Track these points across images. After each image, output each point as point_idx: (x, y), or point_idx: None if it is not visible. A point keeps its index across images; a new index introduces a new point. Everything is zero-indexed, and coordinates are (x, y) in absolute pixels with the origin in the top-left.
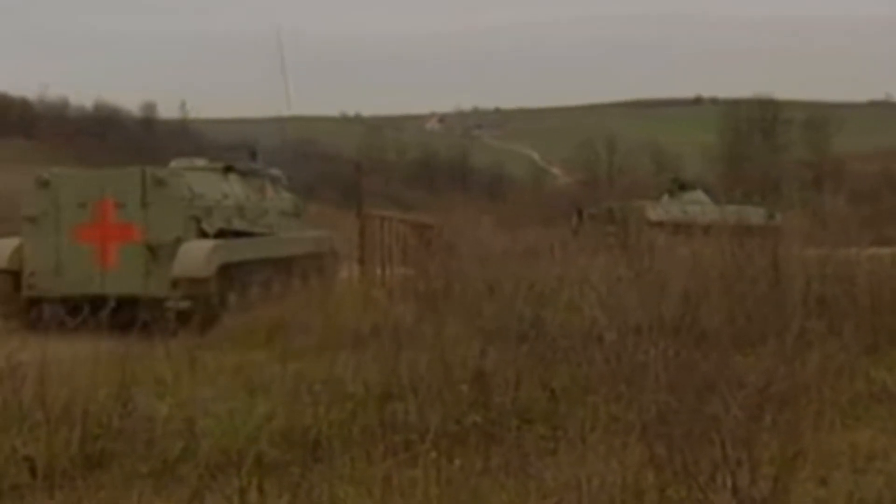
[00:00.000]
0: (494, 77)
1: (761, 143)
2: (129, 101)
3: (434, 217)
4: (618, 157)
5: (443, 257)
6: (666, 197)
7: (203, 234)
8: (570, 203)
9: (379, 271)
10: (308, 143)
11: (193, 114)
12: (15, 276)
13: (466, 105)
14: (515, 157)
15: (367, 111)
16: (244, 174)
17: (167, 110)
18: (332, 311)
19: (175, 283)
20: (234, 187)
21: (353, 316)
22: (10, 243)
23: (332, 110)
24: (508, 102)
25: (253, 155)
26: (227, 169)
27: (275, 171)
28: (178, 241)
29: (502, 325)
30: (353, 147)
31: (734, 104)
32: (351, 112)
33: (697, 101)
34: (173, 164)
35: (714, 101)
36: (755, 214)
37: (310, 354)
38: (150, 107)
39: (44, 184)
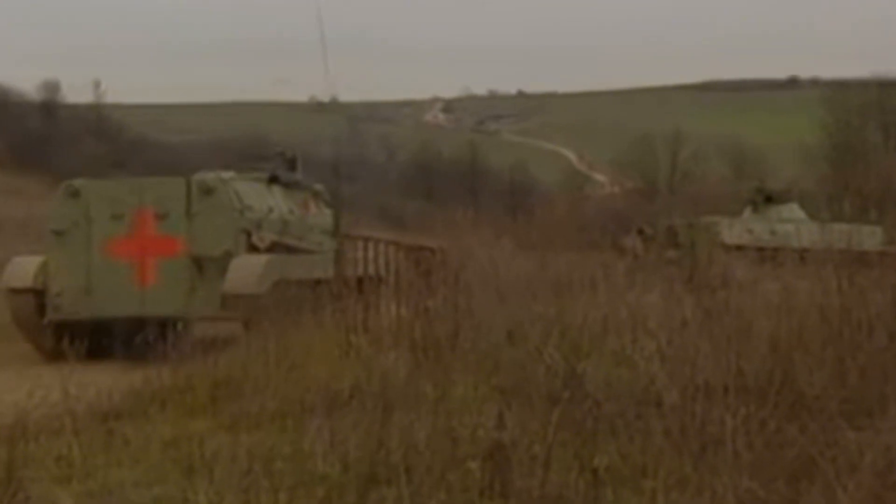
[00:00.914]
0: (517, 52)
1: (879, 140)
2: (26, 81)
3: (436, 238)
4: (683, 158)
5: (447, 291)
6: (748, 212)
7: (253, 249)
8: (617, 219)
9: (362, 309)
10: (259, 138)
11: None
12: (39, 296)
13: (479, 88)
14: (545, 157)
15: (346, 95)
16: (287, 186)
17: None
18: (298, 363)
19: (224, 301)
20: (278, 200)
21: (327, 370)
22: (34, 260)
23: (298, 94)
24: (536, 85)
25: (292, 165)
26: (272, 180)
27: (317, 186)
28: (228, 256)
29: (527, 382)
30: (326, 143)
31: (842, 87)
32: (324, 96)
33: (792, 82)
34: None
35: (814, 83)
36: (870, 236)
37: (269, 422)
38: (51, 87)
39: (73, 193)
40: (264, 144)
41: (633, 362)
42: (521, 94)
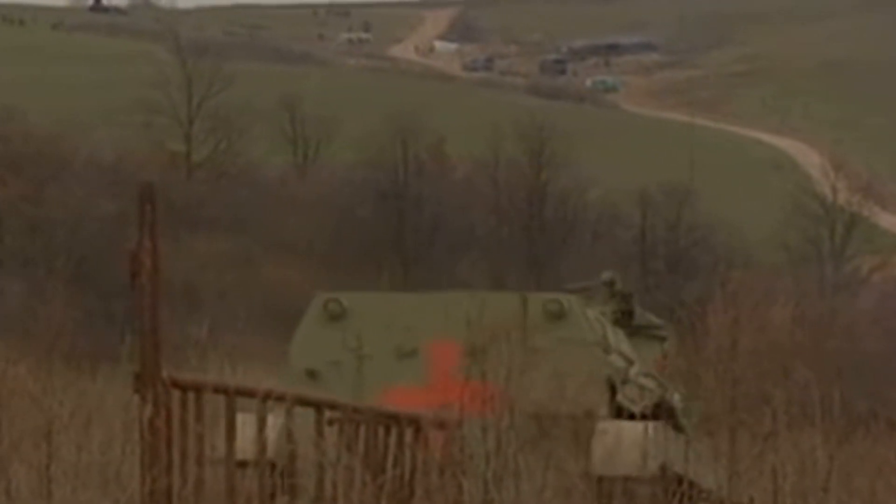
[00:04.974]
0: None
1: None
2: None
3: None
4: None
5: None
6: None
7: (619, 411)
8: None
9: None
10: None
11: None
12: (273, 474)
13: None
14: (736, 159)
15: None
16: (634, 332)
17: None
18: None
19: (585, 486)
20: (628, 350)
21: None
22: (269, 420)
23: None
24: None
25: (628, 303)
26: (621, 317)
27: (665, 334)
28: (589, 418)
29: None
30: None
31: None
32: None
33: None
34: None
35: None
36: None
37: None
38: None
39: (336, 314)
40: None
41: None
42: None
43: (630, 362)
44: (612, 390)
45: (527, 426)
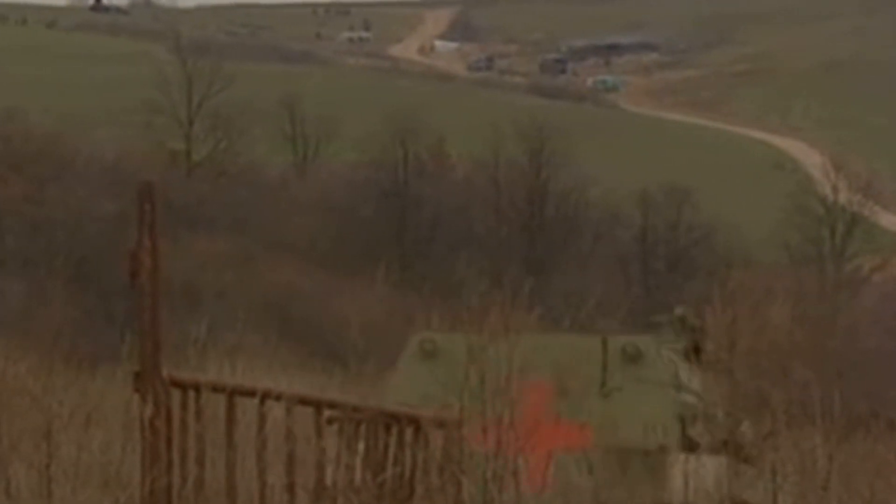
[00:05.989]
0: None
1: None
2: None
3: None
4: None
5: None
6: None
7: (690, 446)
8: None
9: None
10: None
11: None
12: None
13: None
14: (729, 159)
15: None
16: (704, 364)
17: None
18: None
19: None
20: (697, 385)
21: None
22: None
23: None
24: None
25: (698, 336)
26: (692, 350)
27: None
28: (662, 452)
29: None
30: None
31: None
32: None
33: None
34: None
35: None
36: None
37: None
38: None
39: (430, 353)
40: None
41: None
42: None
43: (700, 398)
44: (684, 426)
45: (607, 461)
